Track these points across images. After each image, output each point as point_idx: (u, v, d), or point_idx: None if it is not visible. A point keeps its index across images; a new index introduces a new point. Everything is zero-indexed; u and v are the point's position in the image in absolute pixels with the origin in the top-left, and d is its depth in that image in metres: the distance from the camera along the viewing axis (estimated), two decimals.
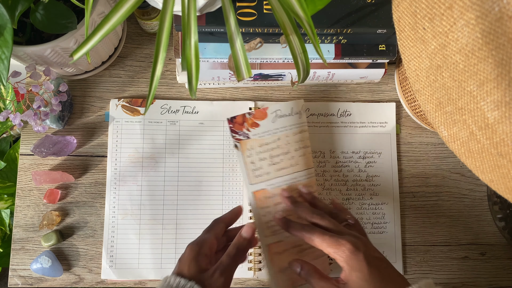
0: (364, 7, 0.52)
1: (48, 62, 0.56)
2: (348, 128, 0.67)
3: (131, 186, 0.64)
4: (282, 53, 0.57)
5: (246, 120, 0.57)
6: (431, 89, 0.34)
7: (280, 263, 0.54)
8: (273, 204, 0.56)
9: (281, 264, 0.54)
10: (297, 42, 0.41)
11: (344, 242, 0.43)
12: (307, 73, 0.45)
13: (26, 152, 0.65)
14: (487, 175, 0.32)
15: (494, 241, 0.67)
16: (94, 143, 0.66)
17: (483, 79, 0.28)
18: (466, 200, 0.67)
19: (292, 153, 0.57)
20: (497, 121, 0.28)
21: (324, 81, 0.66)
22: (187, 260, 0.46)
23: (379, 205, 0.66)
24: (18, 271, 0.62)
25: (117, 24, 0.36)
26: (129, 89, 0.67)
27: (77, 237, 0.64)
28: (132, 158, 0.65)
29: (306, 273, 0.47)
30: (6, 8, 0.45)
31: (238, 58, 0.39)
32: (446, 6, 0.29)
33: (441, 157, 0.68)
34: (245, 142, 0.57)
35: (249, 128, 0.57)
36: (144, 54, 0.68)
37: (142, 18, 0.62)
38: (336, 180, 0.66)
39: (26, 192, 0.64)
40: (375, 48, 0.58)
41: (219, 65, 0.60)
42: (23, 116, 0.56)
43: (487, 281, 0.66)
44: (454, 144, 0.34)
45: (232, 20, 0.39)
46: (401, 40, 0.36)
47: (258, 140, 0.57)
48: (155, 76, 0.38)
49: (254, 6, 0.52)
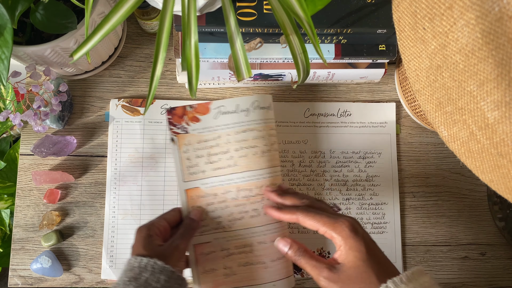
0: (364, 7, 0.52)
1: (48, 62, 0.56)
2: (348, 128, 0.67)
3: (131, 186, 0.64)
4: (282, 53, 0.57)
5: (186, 113, 0.54)
6: (431, 89, 0.34)
7: (206, 265, 0.53)
8: (205, 204, 0.54)
9: (206, 265, 0.53)
10: (297, 42, 0.41)
11: (342, 220, 0.43)
12: (307, 73, 0.45)
13: (26, 152, 0.65)
14: (487, 175, 0.32)
15: (494, 241, 0.67)
16: (94, 143, 0.66)
17: (483, 79, 0.28)
18: (466, 200, 0.67)
19: (231, 153, 0.53)
20: (497, 121, 0.28)
21: (324, 81, 0.66)
22: (139, 241, 0.47)
23: (379, 205, 0.66)
24: (18, 271, 0.62)
25: (117, 24, 0.36)
26: (129, 89, 0.67)
27: (77, 237, 0.64)
28: (132, 158, 0.64)
29: (295, 252, 0.46)
30: (6, 8, 0.45)
31: (238, 58, 0.39)
32: (446, 6, 0.29)
33: (441, 157, 0.68)
34: (183, 136, 0.54)
35: (189, 122, 0.54)
36: (144, 54, 0.68)
37: (142, 18, 0.62)
38: (336, 180, 0.66)
39: (26, 192, 0.64)
40: (375, 48, 0.58)
41: (219, 65, 0.60)
42: (23, 116, 0.56)
43: (487, 281, 0.66)
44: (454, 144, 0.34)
45: (232, 20, 0.39)
46: (401, 40, 0.36)
47: (197, 136, 0.54)
48: (155, 76, 0.38)
49: (254, 6, 0.52)
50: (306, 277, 0.64)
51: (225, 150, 0.54)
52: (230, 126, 0.54)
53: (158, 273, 0.43)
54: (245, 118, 0.54)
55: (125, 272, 0.44)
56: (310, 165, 0.66)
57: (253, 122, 0.53)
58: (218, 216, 0.54)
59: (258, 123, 0.54)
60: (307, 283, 0.64)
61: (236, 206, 0.54)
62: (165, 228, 0.49)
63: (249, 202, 0.53)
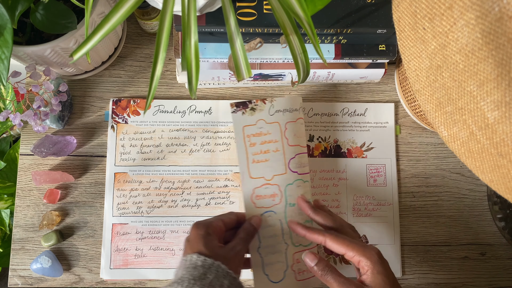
0: (364, 7, 0.52)
1: (48, 62, 0.56)
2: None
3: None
4: (282, 53, 0.57)
5: (129, 106, 0.65)
6: (431, 89, 0.34)
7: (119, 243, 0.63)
8: (129, 189, 0.64)
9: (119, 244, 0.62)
10: (297, 42, 0.41)
11: (372, 247, 0.47)
12: (307, 73, 0.45)
13: (26, 152, 0.65)
14: (487, 175, 0.32)
15: (494, 241, 0.67)
16: (94, 143, 0.66)
17: (483, 79, 0.28)
18: (466, 200, 0.67)
19: (162, 147, 0.64)
20: (497, 121, 0.28)
21: (324, 81, 0.66)
22: (198, 238, 0.45)
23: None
24: (18, 271, 0.62)
25: (117, 24, 0.36)
26: (129, 89, 0.67)
27: (77, 237, 0.64)
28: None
29: (323, 268, 0.48)
30: (6, 8, 0.45)
31: (238, 58, 0.39)
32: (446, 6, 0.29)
33: (441, 157, 0.68)
34: (122, 125, 0.65)
35: (130, 114, 0.65)
36: (144, 54, 0.68)
37: (142, 18, 0.62)
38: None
39: (26, 192, 0.64)
40: (375, 48, 0.58)
41: (219, 65, 0.60)
42: (23, 116, 0.56)
43: (487, 281, 0.66)
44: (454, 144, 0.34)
45: (232, 20, 0.39)
46: (401, 40, 0.37)
47: (134, 127, 0.64)
48: (155, 76, 0.38)
49: (254, 6, 0.52)
50: None
51: (157, 144, 0.64)
52: (166, 124, 0.65)
53: (222, 277, 0.42)
54: (180, 119, 0.65)
55: (188, 269, 0.42)
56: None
57: (187, 124, 0.62)
58: (139, 202, 0.63)
59: (191, 125, 0.65)
60: None
61: (157, 195, 0.64)
62: (221, 229, 0.48)
63: (169, 193, 0.64)
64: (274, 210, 0.55)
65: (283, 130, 0.56)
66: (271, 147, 0.55)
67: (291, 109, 0.56)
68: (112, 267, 0.62)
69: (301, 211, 0.55)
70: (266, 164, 0.55)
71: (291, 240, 0.55)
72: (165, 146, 0.65)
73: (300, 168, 0.56)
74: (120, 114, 0.65)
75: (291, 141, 0.56)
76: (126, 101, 0.65)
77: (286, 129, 0.56)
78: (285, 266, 0.54)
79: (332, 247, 0.48)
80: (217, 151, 0.65)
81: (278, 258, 0.54)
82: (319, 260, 0.49)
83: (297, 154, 0.56)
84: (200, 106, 0.66)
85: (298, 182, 0.56)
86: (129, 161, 0.64)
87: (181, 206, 0.64)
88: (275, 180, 0.55)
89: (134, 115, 0.65)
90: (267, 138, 0.56)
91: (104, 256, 0.62)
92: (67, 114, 0.64)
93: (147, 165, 0.64)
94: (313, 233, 0.50)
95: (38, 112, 0.57)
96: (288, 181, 0.55)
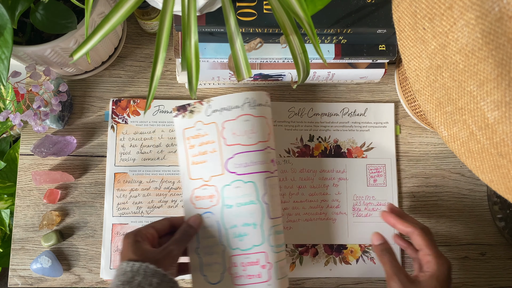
0: (364, 7, 0.52)
1: (48, 62, 0.56)
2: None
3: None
4: (282, 53, 0.57)
5: (129, 106, 0.65)
6: (431, 89, 0.34)
7: (118, 244, 0.62)
8: (129, 189, 0.63)
9: (118, 244, 0.62)
10: (297, 42, 0.41)
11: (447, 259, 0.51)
12: (307, 73, 0.45)
13: (26, 152, 0.65)
14: (487, 175, 0.32)
15: (494, 241, 0.67)
16: (94, 143, 0.66)
17: (483, 79, 0.28)
18: (466, 200, 0.67)
19: (162, 147, 0.64)
20: (497, 121, 0.28)
21: (324, 81, 0.66)
22: (127, 247, 0.47)
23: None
24: (18, 271, 0.62)
25: (117, 24, 0.36)
26: (129, 89, 0.67)
27: (77, 237, 0.64)
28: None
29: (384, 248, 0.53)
30: (6, 8, 0.45)
31: (238, 58, 0.39)
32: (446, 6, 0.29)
33: (441, 157, 0.68)
34: (122, 126, 0.65)
35: (130, 114, 0.65)
36: (144, 54, 0.68)
37: (142, 18, 0.62)
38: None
39: (26, 192, 0.64)
40: (375, 48, 0.58)
41: (219, 65, 0.60)
42: (23, 116, 0.56)
43: (487, 281, 0.66)
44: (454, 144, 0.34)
45: (232, 20, 0.39)
46: (401, 40, 0.37)
47: (134, 127, 0.64)
48: (155, 76, 0.38)
49: (254, 6, 0.52)
50: (299, 277, 0.64)
51: (157, 144, 0.64)
52: (166, 124, 0.65)
53: (151, 276, 0.44)
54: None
55: (118, 276, 0.44)
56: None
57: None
58: (139, 202, 0.63)
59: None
60: (307, 283, 0.64)
61: (157, 196, 0.64)
62: (152, 235, 0.50)
63: (169, 193, 0.64)
64: (212, 211, 0.55)
65: (220, 130, 0.55)
66: (208, 148, 0.56)
67: (229, 107, 0.55)
68: (112, 267, 0.62)
69: (238, 213, 0.54)
70: (203, 165, 0.56)
71: (227, 242, 0.54)
72: (165, 146, 0.65)
73: (240, 168, 0.54)
74: (120, 114, 0.65)
75: (230, 141, 0.55)
76: (126, 101, 0.65)
77: (224, 129, 0.55)
78: (222, 268, 0.54)
79: (415, 240, 0.52)
80: None
81: (215, 259, 0.54)
82: (384, 241, 0.55)
83: (236, 153, 0.54)
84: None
85: (236, 183, 0.54)
86: (129, 161, 0.64)
87: (181, 206, 0.64)
88: (213, 181, 0.55)
89: (134, 115, 0.65)
90: (205, 139, 0.56)
91: (104, 256, 0.62)
92: (67, 114, 0.64)
93: (147, 165, 0.64)
94: (403, 223, 0.54)
95: (38, 112, 0.57)
96: (225, 182, 0.54)
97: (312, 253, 0.64)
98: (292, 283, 0.64)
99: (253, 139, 0.55)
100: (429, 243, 0.51)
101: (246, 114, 0.55)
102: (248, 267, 0.53)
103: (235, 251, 0.54)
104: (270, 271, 0.53)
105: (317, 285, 0.64)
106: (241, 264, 0.54)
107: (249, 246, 0.54)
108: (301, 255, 0.64)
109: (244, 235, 0.54)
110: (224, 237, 0.54)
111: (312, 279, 0.64)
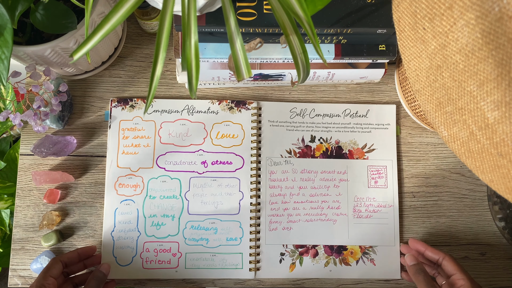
0: (364, 7, 0.52)
1: (48, 62, 0.56)
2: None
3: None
4: (282, 53, 0.57)
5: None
6: (431, 89, 0.34)
7: None
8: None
9: None
10: (297, 42, 0.41)
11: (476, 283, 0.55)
12: (307, 73, 0.44)
13: (26, 152, 0.65)
14: (487, 175, 0.32)
15: (494, 241, 0.67)
16: (94, 143, 0.66)
17: (483, 79, 0.28)
18: (466, 200, 0.67)
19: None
20: (497, 121, 0.28)
21: (324, 81, 0.66)
22: None
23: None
24: (18, 271, 0.62)
25: (117, 24, 0.36)
26: (129, 89, 0.67)
27: (77, 237, 0.64)
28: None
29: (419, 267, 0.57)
30: (6, 8, 0.45)
31: (238, 58, 0.39)
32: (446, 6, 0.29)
33: (441, 157, 0.68)
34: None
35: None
36: (144, 54, 0.68)
37: (142, 18, 0.62)
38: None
39: (26, 192, 0.64)
40: (375, 48, 0.58)
41: (219, 65, 0.60)
42: (23, 116, 0.56)
43: (487, 281, 0.66)
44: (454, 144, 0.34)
45: (232, 20, 0.39)
46: (401, 40, 0.37)
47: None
48: (155, 76, 0.38)
49: (254, 6, 0.52)
50: (303, 278, 0.64)
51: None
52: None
53: None
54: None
55: None
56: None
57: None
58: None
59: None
60: (307, 283, 0.64)
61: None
62: (59, 269, 0.55)
63: None
64: (133, 200, 0.63)
65: (158, 128, 0.63)
66: (142, 142, 0.63)
67: (170, 110, 0.64)
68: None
69: (159, 205, 0.62)
70: (134, 157, 0.62)
71: (144, 230, 0.62)
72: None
73: (169, 165, 0.63)
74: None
75: (164, 140, 0.64)
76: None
77: (161, 128, 0.64)
78: (134, 252, 0.61)
79: (448, 265, 0.57)
80: None
81: (128, 243, 0.62)
82: (417, 261, 0.59)
83: (168, 152, 0.63)
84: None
85: (163, 178, 0.63)
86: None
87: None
88: (140, 172, 0.63)
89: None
90: (141, 133, 0.64)
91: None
92: (67, 114, 0.64)
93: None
94: (432, 250, 0.59)
95: (38, 112, 0.57)
96: (152, 175, 0.63)
97: (312, 253, 0.64)
98: (292, 283, 0.64)
99: (186, 142, 0.63)
100: (461, 268, 0.56)
101: (183, 119, 0.64)
102: (160, 253, 0.62)
103: (151, 238, 0.62)
104: (180, 260, 0.62)
105: (317, 285, 0.64)
106: (153, 250, 0.62)
107: (164, 235, 0.62)
108: (301, 255, 0.64)
109: (162, 225, 0.62)
110: (141, 224, 0.62)
111: (312, 279, 0.64)
